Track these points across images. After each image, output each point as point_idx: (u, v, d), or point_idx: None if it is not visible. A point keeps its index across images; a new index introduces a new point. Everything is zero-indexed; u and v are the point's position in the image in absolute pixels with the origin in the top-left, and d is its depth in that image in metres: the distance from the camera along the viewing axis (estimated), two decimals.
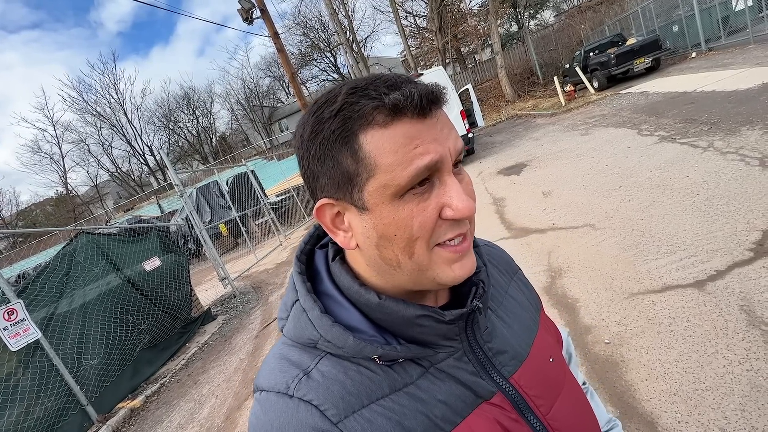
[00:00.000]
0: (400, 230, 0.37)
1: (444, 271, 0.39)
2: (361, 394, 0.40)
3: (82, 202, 31.58)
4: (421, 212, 0.37)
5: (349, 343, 0.40)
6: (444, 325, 0.42)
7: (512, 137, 10.00)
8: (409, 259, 0.39)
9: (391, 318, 0.41)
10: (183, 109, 33.35)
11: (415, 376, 0.42)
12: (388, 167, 0.36)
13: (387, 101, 0.35)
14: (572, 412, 0.51)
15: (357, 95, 0.36)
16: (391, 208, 0.37)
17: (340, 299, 0.44)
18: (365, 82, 0.38)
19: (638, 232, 3.12)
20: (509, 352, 0.48)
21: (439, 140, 0.37)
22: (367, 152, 0.36)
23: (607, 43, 12.50)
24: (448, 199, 0.37)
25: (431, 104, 0.37)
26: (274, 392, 0.41)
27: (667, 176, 3.90)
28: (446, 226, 0.38)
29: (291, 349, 0.43)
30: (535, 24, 28.86)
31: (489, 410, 0.44)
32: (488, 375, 0.45)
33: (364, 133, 0.36)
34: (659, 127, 5.62)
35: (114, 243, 4.59)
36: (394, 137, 0.36)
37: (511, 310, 0.54)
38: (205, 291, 7.35)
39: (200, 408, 3.38)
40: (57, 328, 3.66)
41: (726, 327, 1.93)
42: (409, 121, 0.36)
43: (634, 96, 8.66)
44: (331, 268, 0.46)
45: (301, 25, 27.14)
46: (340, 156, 0.37)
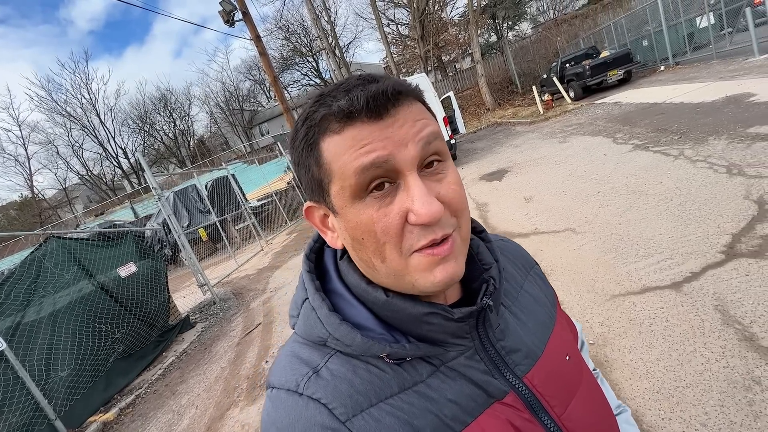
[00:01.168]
0: (365, 234, 0.37)
1: (423, 276, 0.38)
2: (369, 392, 0.39)
3: (49, 206, 30.10)
4: (382, 217, 0.36)
5: (356, 341, 0.39)
6: (453, 323, 0.41)
7: (493, 144, 10.21)
8: (382, 263, 0.38)
9: (399, 316, 0.41)
10: (159, 111, 32.46)
11: (425, 375, 0.41)
12: (340, 170, 0.36)
13: (334, 108, 0.36)
14: (589, 412, 0.49)
15: (318, 103, 0.37)
16: (354, 212, 0.37)
17: (349, 297, 0.43)
18: (331, 88, 0.38)
19: (617, 236, 3.23)
20: (523, 350, 0.47)
21: (392, 138, 0.36)
22: (326, 158, 0.37)
23: (582, 55, 13.00)
24: (410, 203, 0.36)
25: (387, 104, 0.36)
26: (284, 390, 0.41)
27: (642, 182, 4.06)
28: (417, 231, 0.37)
29: (302, 347, 0.44)
30: (513, 35, 29.74)
31: (501, 410, 0.43)
32: (501, 374, 0.44)
33: (323, 140, 0.37)
34: (633, 135, 5.86)
35: (87, 248, 4.38)
36: (344, 142, 0.36)
37: (526, 307, 0.53)
38: (183, 298, 7.10)
39: (179, 419, 3.24)
40: (24, 338, 3.45)
41: (702, 326, 2.01)
42: (361, 124, 0.36)
43: (608, 106, 9.02)
44: (339, 266, 0.46)
45: (283, 29, 27.01)
46: (309, 163, 0.38)
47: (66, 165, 29.94)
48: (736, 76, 6.96)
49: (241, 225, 11.82)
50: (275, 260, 7.53)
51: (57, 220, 26.66)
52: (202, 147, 33.86)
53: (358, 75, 0.39)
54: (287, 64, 29.17)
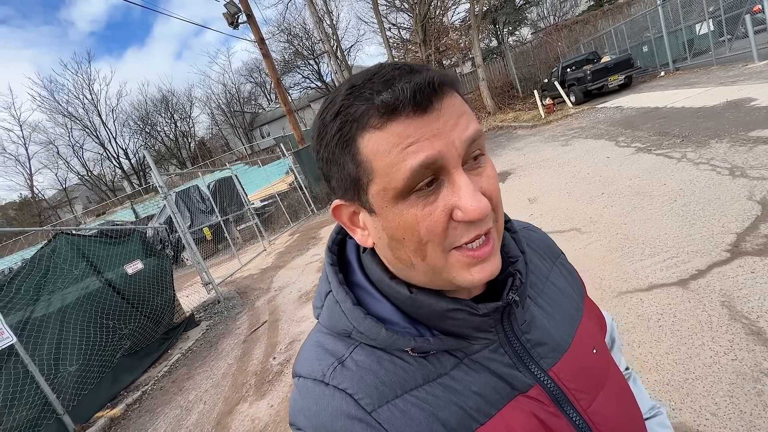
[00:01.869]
0: (407, 234, 0.36)
1: (461, 274, 0.38)
2: (394, 384, 0.39)
3: (48, 206, 30.06)
4: (427, 216, 0.35)
5: (381, 335, 0.39)
6: (478, 318, 0.41)
7: (495, 147, 10.28)
8: (422, 261, 0.37)
9: (423, 311, 0.41)
10: (161, 113, 32.55)
11: (449, 367, 0.41)
12: (383, 170, 0.34)
13: (377, 102, 0.34)
14: (615, 406, 0.49)
15: (353, 96, 0.35)
16: (396, 212, 0.36)
17: (372, 291, 0.43)
18: (363, 78, 0.36)
19: (622, 236, 3.27)
20: (549, 343, 0.46)
21: (439, 135, 0.34)
22: (365, 156, 0.35)
23: (582, 60, 13.11)
24: (456, 200, 0.35)
25: (432, 96, 0.34)
26: (311, 379, 0.41)
27: (646, 184, 4.11)
28: (462, 228, 0.36)
29: (326, 337, 0.44)
30: (514, 40, 29.98)
31: (526, 403, 0.42)
32: (526, 367, 0.44)
33: (361, 136, 0.35)
34: (635, 139, 5.92)
35: (95, 245, 4.40)
36: (388, 138, 0.34)
37: (552, 298, 0.51)
38: (186, 297, 7.12)
39: (188, 414, 3.26)
40: (33, 333, 3.47)
41: (710, 321, 2.05)
42: (405, 119, 0.34)
43: (609, 110, 9.10)
44: (362, 259, 0.46)
45: (285, 32, 27.18)
46: (343, 160, 0.36)
47: (66, 165, 29.98)
48: (736, 82, 7.05)
49: (243, 225, 11.84)
50: (278, 260, 7.55)
51: (56, 220, 26.64)
52: (203, 148, 33.92)
53: (393, 63, 0.37)
54: (289, 67, 29.32)
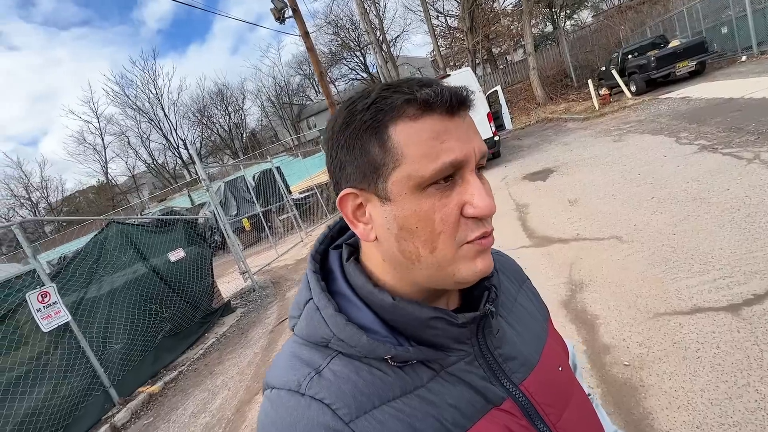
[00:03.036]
0: (421, 223, 0.38)
1: (467, 266, 0.39)
2: (372, 394, 0.39)
3: (120, 192, 33.26)
4: (442, 207, 0.38)
5: (362, 342, 0.40)
6: (456, 328, 0.42)
7: (541, 141, 9.71)
8: (430, 254, 0.39)
9: (405, 319, 0.42)
10: (216, 105, 34.49)
11: (425, 379, 0.42)
12: (414, 158, 0.37)
13: (419, 95, 0.37)
14: (581, 422, 0.51)
15: (390, 91, 0.38)
16: (413, 200, 0.38)
17: (354, 299, 0.44)
18: (399, 81, 0.39)
19: (669, 248, 2.94)
20: (519, 358, 0.48)
21: (465, 140, 0.38)
22: (396, 142, 0.37)
23: (647, 45, 11.90)
24: (469, 197, 0.38)
25: (460, 104, 0.38)
26: (285, 390, 0.40)
27: (705, 189, 3.65)
28: (471, 224, 0.39)
29: (302, 348, 0.43)
30: (572, 24, 27.91)
31: (499, 416, 0.43)
32: (498, 381, 0.45)
33: (394, 124, 0.37)
34: (700, 135, 5.28)
35: (142, 233, 4.78)
36: (422, 130, 0.37)
37: (520, 318, 0.54)
38: (226, 283, 7.56)
39: (213, 398, 3.46)
40: (85, 312, 3.86)
41: (761, 357, 1.77)
42: (438, 117, 0.37)
43: (674, 101, 8.20)
44: (345, 268, 0.46)
45: (332, 24, 27.47)
46: (369, 145, 0.38)
47: (135, 154, 32.87)
48: None
49: (283, 216, 12.29)
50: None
51: (126, 204, 29.43)
52: (253, 139, 35.59)
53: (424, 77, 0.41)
54: (335, 59, 29.69)
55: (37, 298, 3.42)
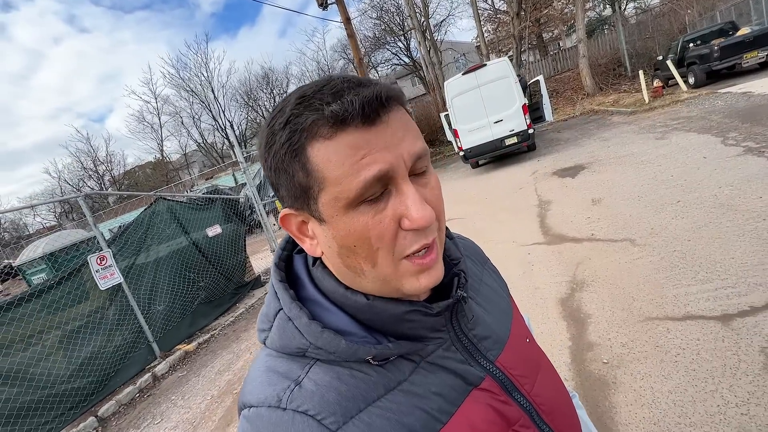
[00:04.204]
0: (359, 241, 0.37)
1: (409, 282, 0.39)
2: (357, 398, 0.39)
3: (173, 168, 35.74)
4: (377, 224, 0.36)
5: (341, 347, 0.39)
6: (432, 318, 0.43)
7: (580, 135, 9.32)
8: (372, 268, 0.38)
9: (381, 317, 0.41)
10: (262, 88, 35.74)
11: (407, 373, 0.42)
12: (336, 180, 0.35)
13: (326, 113, 0.34)
14: (550, 386, 0.54)
15: (302, 106, 0.36)
16: (346, 220, 0.36)
17: (326, 304, 0.43)
18: (313, 89, 0.37)
19: (679, 254, 2.89)
20: (492, 336, 0.49)
21: (389, 147, 0.36)
22: (315, 165, 0.35)
23: (713, 32, 10.87)
24: (404, 209, 0.36)
25: (379, 109, 0.36)
26: (264, 407, 0.38)
27: (737, 195, 3.48)
28: (410, 237, 0.38)
29: (277, 361, 0.42)
30: (635, 7, 25.76)
31: (480, 396, 0.44)
32: (476, 361, 0.46)
33: (311, 146, 0.35)
34: (750, 136, 4.92)
35: (185, 209, 5.31)
36: (339, 148, 0.35)
37: (488, 297, 0.56)
38: (260, 259, 8.11)
39: (237, 360, 3.89)
40: (135, 277, 4.42)
41: (737, 367, 1.80)
42: (354, 130, 0.35)
43: (733, 96, 7.55)
44: (312, 272, 0.45)
45: (377, 8, 27.29)
46: (291, 169, 0.37)
47: (187, 134, 35.02)
48: None
49: None
50: None
51: (179, 180, 31.64)
52: None
53: (341, 76, 0.38)
54: (379, 44, 29.58)
55: (96, 261, 3.99)
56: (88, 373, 3.74)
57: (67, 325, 3.83)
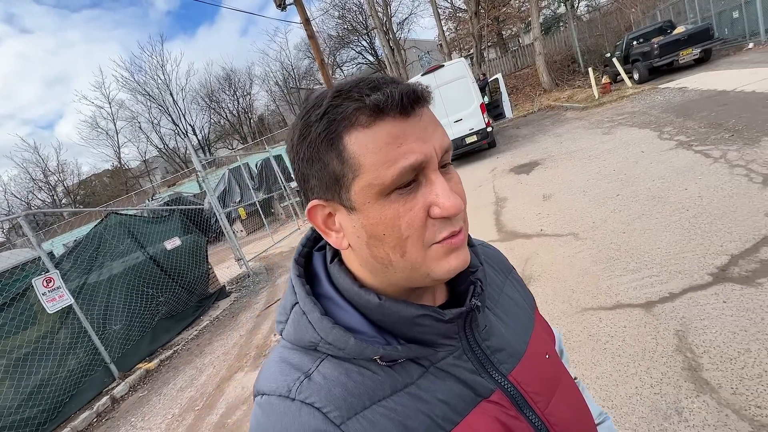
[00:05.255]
0: (388, 229, 0.38)
1: (439, 265, 0.39)
2: (362, 395, 0.40)
3: (133, 176, 34.12)
4: (407, 211, 0.37)
5: (350, 344, 0.40)
6: (443, 324, 0.43)
7: (537, 131, 9.72)
8: (401, 258, 0.39)
9: (392, 319, 0.42)
10: (224, 90, 34.72)
11: (415, 376, 0.42)
12: (371, 166, 0.36)
13: (368, 102, 0.36)
14: (569, 407, 0.52)
15: (341, 98, 0.37)
16: (377, 207, 0.38)
17: (340, 301, 0.44)
18: (350, 84, 0.38)
19: (615, 246, 3.12)
20: (507, 349, 0.48)
21: (424, 139, 0.37)
22: (352, 153, 0.37)
23: (653, 30, 11.60)
24: (434, 198, 0.38)
25: (414, 103, 0.37)
26: (275, 396, 0.40)
27: (667, 187, 3.78)
28: (439, 225, 0.39)
29: (291, 353, 0.44)
30: (586, 5, 26.98)
31: (489, 408, 0.44)
32: (487, 373, 0.46)
33: (348, 134, 0.37)
34: (682, 130, 5.33)
35: (139, 223, 5.13)
36: (377, 137, 0.36)
37: (507, 309, 0.55)
38: (226, 268, 7.96)
39: (199, 375, 3.83)
40: (87, 296, 4.25)
41: (654, 350, 1.99)
42: (392, 120, 0.36)
43: (671, 92, 8.11)
44: (329, 270, 0.46)
45: (339, 7, 27.13)
46: (327, 157, 0.38)
47: (146, 139, 33.51)
48: None
49: (285, 203, 12.60)
50: None
51: (139, 188, 30.25)
52: (261, 125, 35.84)
53: (376, 75, 0.41)
54: (343, 43, 29.43)
55: (42, 283, 3.80)
56: (39, 402, 3.57)
57: (12, 353, 3.63)
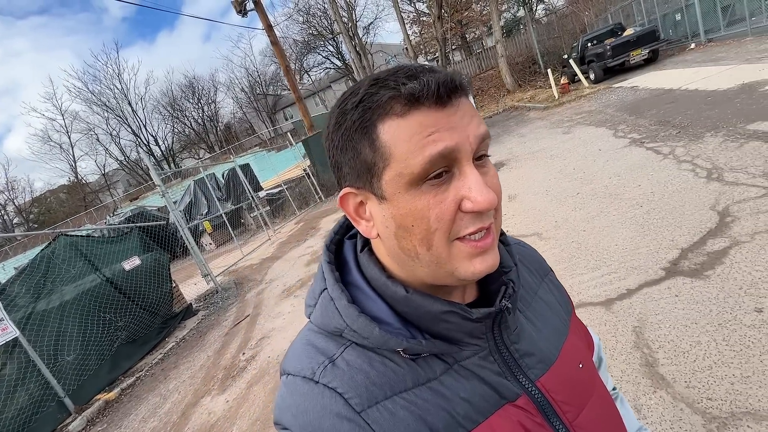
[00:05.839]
0: (417, 221, 0.37)
1: (463, 265, 0.39)
2: (384, 385, 0.40)
3: (92, 191, 32.37)
4: (438, 204, 0.37)
5: (374, 334, 0.40)
6: (470, 323, 0.42)
7: (502, 132, 9.95)
8: (427, 251, 0.38)
9: (417, 312, 0.42)
10: (188, 98, 33.62)
11: (438, 372, 0.42)
12: (401, 155, 0.36)
13: (403, 91, 0.36)
14: (600, 420, 0.50)
15: (377, 86, 0.37)
16: (408, 198, 0.37)
17: (368, 290, 0.44)
18: (387, 73, 0.38)
19: (576, 244, 3.20)
20: (537, 354, 0.47)
21: (456, 128, 0.37)
22: (384, 141, 0.37)
23: (606, 32, 12.19)
24: (467, 191, 0.37)
25: (451, 93, 0.37)
26: (300, 377, 0.42)
27: (622, 184, 3.93)
28: (467, 219, 0.38)
29: (317, 336, 0.44)
30: (544, 8, 28.07)
31: (513, 412, 0.43)
32: (514, 376, 0.45)
33: (382, 122, 0.37)
34: (635, 128, 5.59)
35: (94, 244, 4.83)
36: (409, 126, 0.36)
37: (540, 313, 0.53)
38: (194, 285, 7.64)
39: (164, 403, 3.63)
40: (35, 327, 3.93)
41: (615, 348, 2.04)
42: (426, 110, 0.36)
43: (624, 91, 8.53)
44: (359, 259, 0.46)
45: (303, 12, 26.91)
46: (360, 145, 0.38)
47: (105, 151, 31.92)
48: (763, 58, 6.40)
49: (255, 213, 12.29)
50: (278, 250, 7.88)
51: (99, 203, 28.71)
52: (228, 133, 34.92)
53: (414, 64, 0.40)
54: (309, 48, 29.19)
55: None
56: None
57: None
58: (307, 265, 5.96)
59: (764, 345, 1.72)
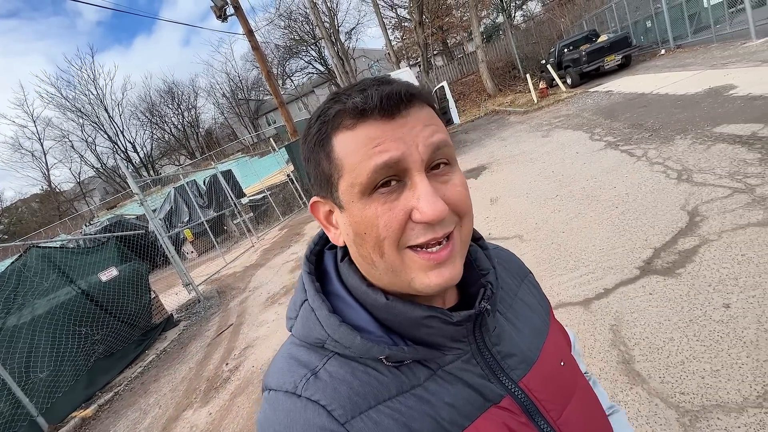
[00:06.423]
0: (368, 228, 0.38)
1: (419, 277, 0.39)
2: (368, 394, 0.40)
3: (66, 200, 31.27)
4: (386, 212, 0.38)
5: (356, 343, 0.40)
6: (451, 327, 0.42)
7: (483, 136, 10.12)
8: (380, 258, 0.39)
9: (399, 319, 0.42)
10: (167, 104, 32.95)
11: (422, 378, 0.42)
12: (351, 166, 0.38)
13: (349, 105, 0.38)
14: (584, 417, 0.50)
15: (333, 101, 0.39)
16: (359, 206, 0.38)
17: (348, 299, 0.44)
18: (345, 88, 0.40)
19: (556, 246, 3.28)
20: (518, 355, 0.48)
21: (404, 139, 0.38)
22: (337, 153, 0.39)
23: (582, 39, 12.58)
24: (416, 202, 0.38)
25: (397, 104, 0.38)
26: (282, 392, 0.41)
27: (599, 186, 4.05)
28: (419, 229, 0.38)
29: (299, 349, 0.44)
30: (522, 15, 28.77)
31: (498, 414, 0.43)
32: (497, 378, 0.45)
33: (336, 136, 0.39)
34: (610, 131, 5.77)
35: (68, 255, 4.66)
36: (358, 138, 0.38)
37: (520, 314, 0.54)
38: (175, 294, 7.45)
39: (144, 418, 3.52)
40: (5, 343, 3.77)
41: (593, 347, 2.09)
42: (373, 122, 0.37)
43: (599, 95, 8.80)
44: (339, 268, 0.47)
45: (285, 17, 26.80)
46: (319, 157, 0.40)
47: (81, 159, 30.92)
48: (727, 64, 6.71)
49: (238, 220, 12.11)
50: (262, 258, 7.77)
51: (74, 213, 27.74)
52: (209, 138, 34.35)
53: (374, 77, 0.41)
54: (291, 53, 29.06)
55: None
56: None
57: None
58: (291, 272, 5.90)
59: (732, 339, 1.79)
